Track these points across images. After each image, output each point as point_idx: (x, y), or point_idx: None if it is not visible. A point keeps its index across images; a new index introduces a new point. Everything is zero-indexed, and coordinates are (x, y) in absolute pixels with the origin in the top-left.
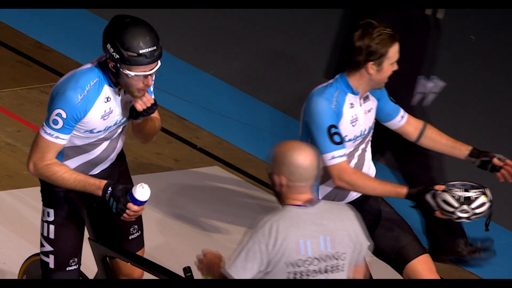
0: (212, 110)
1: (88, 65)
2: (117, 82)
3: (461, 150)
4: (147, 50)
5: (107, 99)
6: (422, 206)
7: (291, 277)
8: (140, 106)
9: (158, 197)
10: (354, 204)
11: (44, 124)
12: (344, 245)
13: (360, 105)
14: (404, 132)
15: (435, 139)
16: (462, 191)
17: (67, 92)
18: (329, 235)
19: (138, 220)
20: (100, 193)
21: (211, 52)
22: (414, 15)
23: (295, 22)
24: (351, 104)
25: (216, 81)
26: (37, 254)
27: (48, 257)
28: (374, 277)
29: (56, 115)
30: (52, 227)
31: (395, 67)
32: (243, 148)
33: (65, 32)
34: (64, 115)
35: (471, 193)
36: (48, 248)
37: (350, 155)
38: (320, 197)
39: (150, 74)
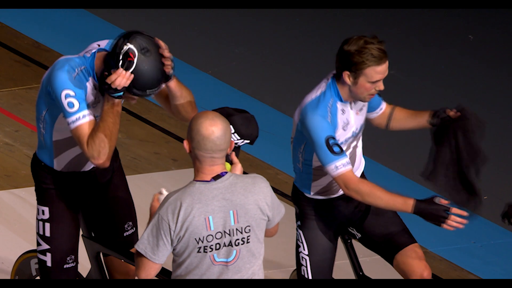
0: (210, 110)
1: (74, 56)
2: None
3: (423, 116)
4: (153, 90)
5: (94, 87)
6: (433, 215)
7: (201, 251)
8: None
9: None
10: (344, 195)
11: (66, 117)
12: (249, 218)
13: (351, 108)
14: (377, 122)
15: (400, 118)
16: None
17: (59, 73)
18: (233, 209)
19: (133, 217)
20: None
21: (209, 52)
22: None
23: (294, 22)
24: (342, 110)
25: (214, 81)
26: (27, 252)
27: (45, 255)
28: (374, 277)
29: (65, 97)
30: (47, 225)
31: (379, 87)
32: (241, 148)
33: (64, 32)
34: (72, 93)
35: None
36: (44, 246)
37: None
38: (312, 193)
39: None
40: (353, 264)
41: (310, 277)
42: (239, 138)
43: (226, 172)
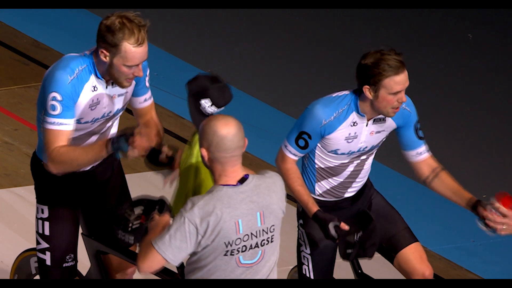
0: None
1: (76, 54)
2: (105, 72)
3: (463, 199)
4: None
5: (94, 88)
6: (323, 229)
7: (228, 254)
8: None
9: (155, 195)
10: (348, 198)
11: (44, 115)
12: (273, 218)
13: (366, 125)
14: (416, 169)
15: (444, 186)
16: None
17: (57, 73)
18: (260, 211)
19: None
20: (109, 148)
21: (209, 51)
22: None
23: (293, 21)
24: (354, 122)
25: None
26: (26, 251)
27: (45, 254)
28: (374, 277)
29: (51, 100)
30: (47, 224)
31: (402, 99)
32: None
33: (63, 30)
34: (59, 97)
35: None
36: (44, 245)
37: (343, 166)
38: (316, 194)
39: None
40: (352, 262)
41: (312, 276)
42: (216, 109)
43: (248, 175)
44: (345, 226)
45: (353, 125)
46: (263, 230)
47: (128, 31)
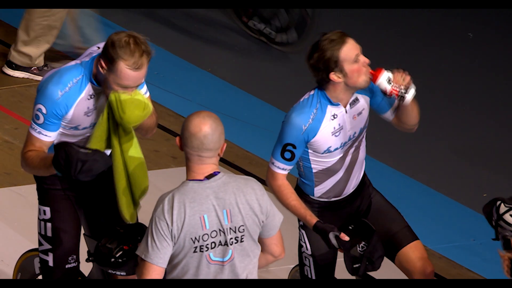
0: (209, 107)
1: (74, 63)
2: (102, 81)
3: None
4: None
5: (91, 96)
6: (325, 240)
7: (197, 251)
8: None
9: (155, 195)
10: (347, 197)
11: (32, 119)
12: (242, 218)
13: (346, 112)
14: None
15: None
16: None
17: (48, 87)
18: (226, 208)
19: None
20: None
21: (209, 50)
22: None
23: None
24: (334, 115)
25: (214, 78)
26: (31, 251)
27: (47, 255)
28: (375, 276)
29: (37, 110)
30: (49, 225)
31: (362, 60)
32: (241, 146)
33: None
34: (44, 111)
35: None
36: (46, 246)
37: (340, 161)
38: (315, 196)
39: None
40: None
41: (314, 277)
42: None
43: (219, 172)
44: (344, 237)
45: (334, 118)
46: (230, 228)
47: (129, 52)
